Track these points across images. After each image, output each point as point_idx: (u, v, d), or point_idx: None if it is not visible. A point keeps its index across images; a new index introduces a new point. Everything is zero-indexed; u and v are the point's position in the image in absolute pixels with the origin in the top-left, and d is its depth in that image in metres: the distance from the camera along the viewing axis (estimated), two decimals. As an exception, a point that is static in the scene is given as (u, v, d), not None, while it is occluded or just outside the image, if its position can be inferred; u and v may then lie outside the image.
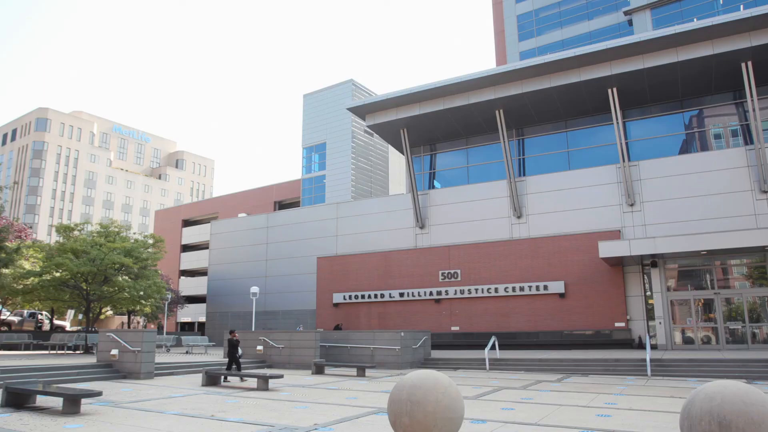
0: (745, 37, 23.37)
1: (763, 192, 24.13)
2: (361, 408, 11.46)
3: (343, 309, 32.01)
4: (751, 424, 4.38)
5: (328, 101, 52.17)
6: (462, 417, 5.92)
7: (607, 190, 27.07)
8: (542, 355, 22.43)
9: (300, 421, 9.79)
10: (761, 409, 4.45)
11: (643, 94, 26.82)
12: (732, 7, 38.17)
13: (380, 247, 32.08)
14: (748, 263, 24.40)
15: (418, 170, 32.70)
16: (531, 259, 27.50)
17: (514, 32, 48.28)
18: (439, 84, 28.75)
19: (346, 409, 11.29)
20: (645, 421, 9.95)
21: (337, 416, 10.34)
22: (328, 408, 11.57)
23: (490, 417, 10.30)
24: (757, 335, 23.32)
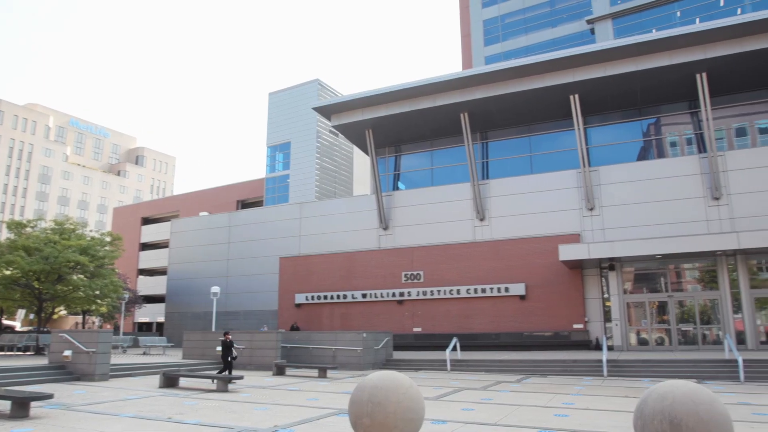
0: (701, 49, 24.20)
1: (714, 199, 24.99)
2: (322, 409, 11.39)
3: (305, 310, 31.80)
4: (701, 423, 4.52)
5: (294, 100, 51.80)
6: (422, 418, 5.93)
7: (567, 194, 27.61)
8: (503, 356, 22.72)
9: (260, 423, 9.67)
10: (710, 408, 4.59)
11: (604, 101, 27.47)
12: (689, 20, 39.47)
13: (344, 247, 31.99)
14: (699, 267, 25.23)
15: (382, 171, 32.75)
16: (493, 261, 27.84)
17: (480, 37, 48.85)
18: (406, 86, 28.87)
19: (307, 411, 11.20)
20: (601, 421, 10.17)
21: (298, 418, 10.25)
22: (288, 409, 11.46)
23: (450, 417, 10.37)
24: (708, 337, 24.12)
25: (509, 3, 48.10)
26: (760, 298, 23.77)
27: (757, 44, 23.42)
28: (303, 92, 51.61)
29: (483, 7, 49.36)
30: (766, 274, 24.29)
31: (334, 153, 52.45)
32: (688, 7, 39.91)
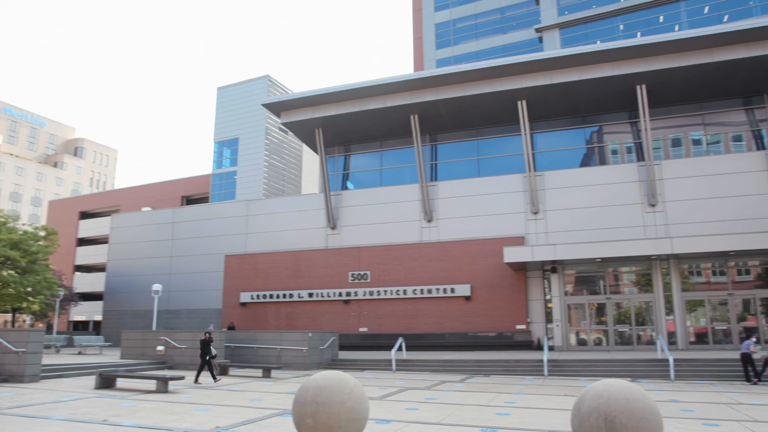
0: (641, 62, 25.23)
1: (651, 205, 26.08)
2: (265, 410, 11.24)
3: (250, 308, 31.30)
4: (633, 419, 4.70)
5: (243, 96, 50.92)
6: (366, 418, 5.93)
7: (513, 197, 28.22)
8: (447, 356, 23.00)
9: (200, 425, 9.45)
10: (642, 405, 4.78)
11: (550, 108, 28.24)
12: (631, 33, 41.07)
13: (291, 246, 31.67)
14: (636, 271, 26.27)
15: (331, 170, 32.61)
16: (440, 262, 28.16)
17: (432, 40, 49.36)
18: (356, 86, 28.85)
19: (249, 411, 11.02)
20: (541, 419, 10.43)
21: (241, 418, 10.07)
22: (231, 410, 11.24)
23: (394, 417, 10.41)
24: (642, 337, 25.15)
25: (461, 8, 48.80)
26: (691, 301, 24.96)
27: (692, 60, 24.61)
28: (252, 88, 50.81)
29: (435, 11, 49.90)
30: (696, 278, 25.53)
31: (283, 150, 51.87)
32: (631, 21, 41.52)
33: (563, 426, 9.34)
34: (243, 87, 51.65)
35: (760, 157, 25.54)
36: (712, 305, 24.77)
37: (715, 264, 25.23)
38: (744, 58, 24.09)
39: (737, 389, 15.54)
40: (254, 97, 48.83)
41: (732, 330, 24.04)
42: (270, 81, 50.73)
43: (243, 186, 48.45)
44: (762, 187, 25.05)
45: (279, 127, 50.28)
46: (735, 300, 24.42)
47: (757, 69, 24.56)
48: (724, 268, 25.06)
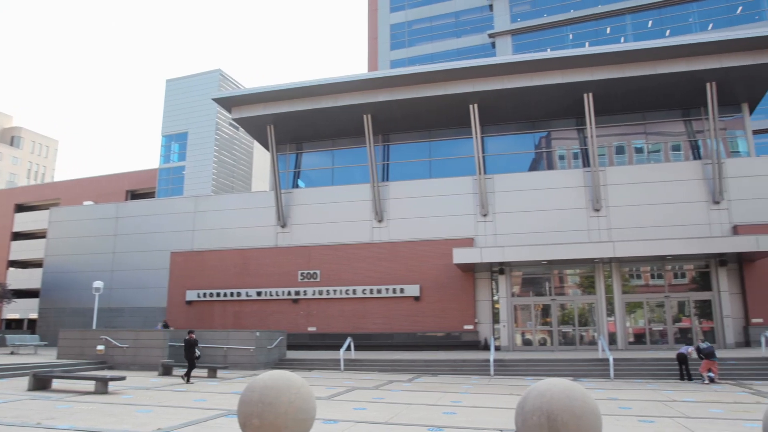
0: (588, 71, 26.03)
1: (595, 210, 26.94)
2: (210, 410, 11.01)
3: (196, 307, 30.59)
4: (574, 417, 4.83)
5: (193, 89, 49.71)
6: (314, 418, 5.87)
7: (463, 199, 28.61)
8: (396, 356, 23.11)
9: (141, 426, 9.17)
10: (582, 403, 4.92)
11: (501, 113, 28.76)
12: (580, 43, 42.34)
13: (239, 244, 31.12)
14: (580, 273, 27.07)
15: (282, 168, 32.25)
16: (390, 262, 28.25)
17: (387, 40, 49.52)
18: (310, 83, 28.63)
19: (193, 412, 10.77)
20: (486, 417, 10.60)
21: (183, 419, 9.83)
22: (174, 411, 10.96)
23: (342, 417, 10.38)
24: (584, 337, 25.94)
25: (417, 10, 49.15)
26: (630, 303, 25.92)
27: (636, 71, 25.58)
28: (203, 81, 49.67)
29: (391, 12, 50.09)
30: (636, 280, 26.52)
31: (234, 146, 50.96)
32: (580, 31, 42.80)
33: (508, 424, 9.52)
34: (193, 80, 50.43)
35: (697, 166, 26.76)
36: (650, 307, 25.79)
37: (654, 267, 26.29)
38: (683, 71, 25.21)
39: (672, 387, 16.22)
40: (205, 90, 47.75)
41: (668, 331, 25.09)
42: (222, 75, 49.72)
43: (191, 181, 47.30)
44: (697, 195, 26.26)
45: (230, 122, 49.35)
46: (671, 302, 25.49)
47: (696, 83, 25.73)
48: (661, 271, 26.14)
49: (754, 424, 9.75)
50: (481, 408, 12.01)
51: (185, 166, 48.14)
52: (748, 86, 26.40)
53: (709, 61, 24.99)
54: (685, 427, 9.70)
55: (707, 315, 25.00)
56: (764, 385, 16.47)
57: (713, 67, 24.91)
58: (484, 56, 43.95)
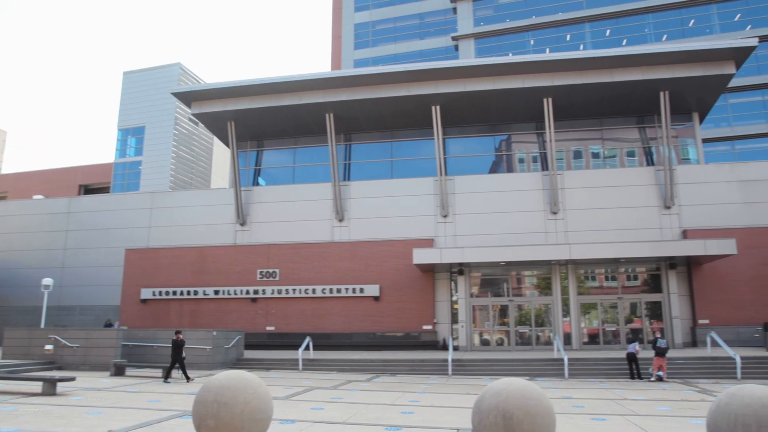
0: (548, 76, 26.56)
1: (553, 213, 27.49)
2: (164, 411, 10.76)
3: (151, 306, 29.86)
4: (529, 416, 4.91)
5: (152, 82, 48.58)
6: (270, 418, 5.80)
7: (424, 200, 28.78)
8: (354, 356, 23.08)
9: (91, 428, 8.89)
10: (537, 402, 5.01)
11: (463, 115, 29.05)
12: (541, 48, 43.17)
13: (197, 241, 30.53)
14: (537, 274, 27.58)
15: (243, 165, 31.82)
16: (350, 262, 28.19)
17: (351, 40, 49.46)
18: (272, 80, 28.33)
19: (147, 413, 10.50)
20: (443, 417, 10.67)
21: (136, 421, 9.57)
22: (126, 412, 10.67)
23: (299, 417, 10.29)
24: (540, 338, 26.44)
25: (381, 10, 49.26)
26: (585, 304, 26.55)
27: (594, 78, 26.25)
28: (162, 75, 48.61)
29: (355, 11, 50.05)
30: (591, 282, 27.19)
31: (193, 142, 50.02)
32: (541, 37, 43.65)
33: (465, 423, 9.61)
34: (152, 73, 49.29)
35: (650, 172, 27.62)
36: (603, 308, 26.47)
37: (608, 270, 27.00)
38: (639, 80, 26.00)
39: (623, 386, 16.69)
40: (164, 84, 46.73)
41: (620, 331, 25.80)
42: (182, 69, 48.76)
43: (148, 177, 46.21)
44: (650, 200, 27.10)
45: (189, 117, 48.43)
46: (624, 303, 26.23)
47: (650, 91, 26.56)
48: (615, 273, 26.87)
49: (699, 421, 10.11)
50: (439, 407, 12.09)
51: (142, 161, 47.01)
52: (699, 96, 27.40)
53: (662, 71, 25.84)
54: (634, 425, 9.98)
55: (657, 316, 25.82)
56: (709, 384, 17.11)
57: (666, 76, 25.77)
58: (447, 59, 44.38)
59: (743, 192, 26.59)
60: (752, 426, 4.49)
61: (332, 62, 51.34)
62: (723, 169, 27.53)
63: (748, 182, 26.69)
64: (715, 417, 4.80)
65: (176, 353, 17.40)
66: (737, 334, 23.86)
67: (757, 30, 38.33)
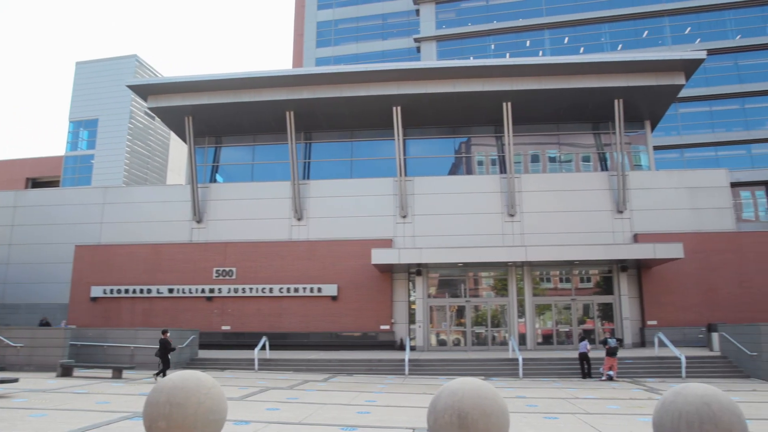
0: (508, 81, 26.99)
1: (510, 215, 27.94)
2: (113, 413, 10.44)
3: (102, 304, 28.97)
4: (484, 415, 4.97)
5: (107, 74, 47.18)
6: (224, 419, 5.70)
7: (383, 200, 28.84)
8: (311, 356, 22.94)
9: None
10: (492, 401, 5.08)
11: (424, 116, 29.24)
12: (501, 53, 43.85)
13: (152, 238, 29.79)
14: (494, 276, 27.98)
15: (200, 161, 31.23)
16: (308, 261, 28.00)
17: (313, 38, 49.17)
18: (231, 76, 27.91)
19: (94, 415, 10.17)
20: (399, 416, 10.71)
21: (83, 424, 9.26)
22: (72, 415, 10.31)
23: (254, 418, 10.16)
24: (496, 338, 26.84)
25: (344, 9, 49.15)
26: (540, 305, 27.08)
27: (552, 84, 26.82)
28: (118, 66, 47.28)
29: (318, 9, 49.81)
30: (545, 284, 27.75)
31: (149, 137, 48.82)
32: (501, 42, 44.36)
33: (421, 423, 9.66)
34: (107, 64, 47.89)
35: (604, 177, 28.39)
36: (558, 309, 27.06)
37: (562, 272, 27.61)
38: (595, 87, 26.70)
39: (575, 385, 17.09)
40: (119, 76, 45.45)
41: (573, 332, 26.42)
42: (138, 61, 47.53)
43: (101, 171, 44.86)
44: (604, 204, 27.86)
45: (145, 111, 47.27)
46: (577, 305, 26.87)
47: (605, 98, 27.31)
48: (569, 275, 27.50)
49: (647, 419, 10.43)
50: (395, 407, 12.13)
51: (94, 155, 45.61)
52: (651, 105, 28.34)
53: (617, 79, 26.61)
54: (585, 423, 10.23)
55: (609, 317, 26.55)
56: (656, 383, 17.69)
57: (621, 85, 26.55)
58: (409, 60, 44.64)
59: (690, 198, 27.62)
60: (695, 423, 4.66)
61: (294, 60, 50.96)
62: (672, 176, 28.55)
63: (695, 189, 27.74)
64: (661, 415, 4.96)
65: (164, 353, 17.45)
66: (683, 335, 24.75)
67: (706, 44, 39.95)
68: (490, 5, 45.40)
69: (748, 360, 19.25)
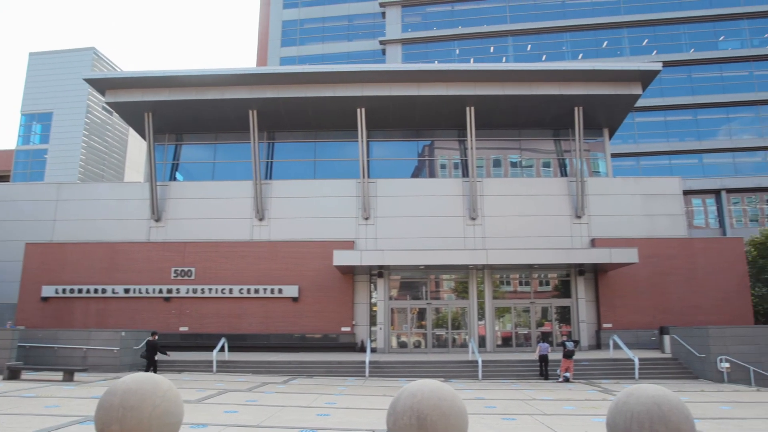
0: (471, 85, 27.32)
1: (471, 219, 28.25)
2: (63, 417, 10.11)
3: (54, 304, 28.02)
4: (442, 416, 5.01)
5: (63, 66, 45.75)
6: (181, 422, 5.59)
7: (346, 202, 28.77)
8: (271, 358, 22.71)
9: (-23, 435, 8.21)
10: (450, 403, 5.12)
11: (388, 119, 29.32)
12: (465, 58, 44.33)
13: (108, 237, 28.99)
14: (455, 279, 28.23)
15: (160, 159, 30.55)
16: (269, 262, 27.71)
17: (278, 36, 48.77)
18: (193, 73, 27.43)
19: (43, 419, 9.83)
20: (359, 419, 10.69)
21: (31, 428, 8.94)
22: (18, 419, 9.93)
23: (211, 421, 9.99)
24: (456, 340, 27.08)
25: (310, 9, 48.92)
26: (500, 308, 27.45)
27: (514, 90, 27.27)
28: (75, 59, 45.92)
29: (284, 8, 49.44)
30: (505, 287, 28.15)
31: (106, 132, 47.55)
32: (466, 47, 44.88)
33: (380, 425, 9.67)
34: (63, 56, 46.44)
35: (563, 182, 28.99)
36: (517, 312, 27.47)
37: (522, 275, 28.06)
38: (555, 94, 27.26)
39: (533, 386, 17.38)
40: (76, 69, 44.15)
41: (532, 334, 26.87)
42: (96, 54, 46.26)
43: (55, 166, 43.46)
44: (563, 209, 28.44)
45: (103, 106, 46.04)
46: (536, 308, 27.34)
47: (566, 106, 27.91)
48: (529, 279, 27.97)
49: (601, 419, 10.69)
50: (355, 409, 12.10)
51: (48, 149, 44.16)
52: (609, 113, 29.10)
53: (577, 87, 27.25)
54: (541, 423, 10.42)
55: (566, 320, 27.10)
56: (611, 384, 18.15)
57: (581, 93, 27.19)
58: (374, 62, 44.74)
59: (645, 205, 28.46)
60: (645, 423, 4.81)
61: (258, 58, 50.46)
62: (628, 182, 29.37)
63: (650, 196, 28.60)
64: (614, 415, 5.09)
65: (151, 355, 17.45)
66: (637, 338, 25.45)
67: (662, 56, 41.31)
68: (455, 10, 45.91)
69: (696, 361, 19.96)
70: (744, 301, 26.35)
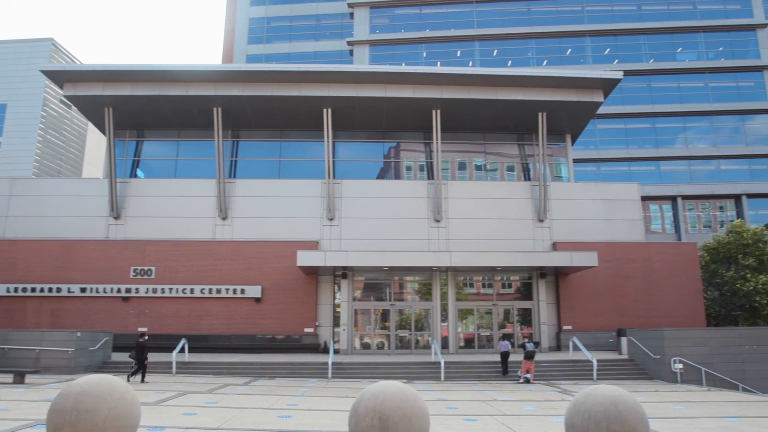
0: (437, 89, 27.47)
1: (436, 221, 28.42)
2: (12, 421, 9.75)
3: (4, 303, 27.02)
4: (404, 418, 5.01)
5: (18, 56, 44.24)
6: (138, 425, 5.44)
7: (311, 202, 28.59)
8: (232, 359, 22.39)
9: None
10: (413, 404, 5.13)
11: (354, 120, 29.25)
12: (432, 61, 44.64)
13: (64, 234, 28.10)
14: (419, 280, 28.36)
15: (120, 155, 29.78)
16: (232, 262, 27.33)
17: (245, 34, 48.23)
18: (157, 68, 26.85)
19: (-10, 422, 9.46)
20: (321, 420, 10.62)
21: (-24, 431, 8.59)
22: (-36, 421, 9.54)
23: (170, 423, 9.78)
24: (420, 342, 27.19)
25: (277, 7, 48.51)
26: (463, 309, 27.69)
27: (480, 94, 27.53)
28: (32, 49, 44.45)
29: (251, 5, 48.91)
30: (469, 289, 28.42)
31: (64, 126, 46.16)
32: (433, 50, 45.18)
33: (342, 426, 9.62)
34: (19, 46, 44.91)
35: (526, 187, 29.42)
36: (480, 314, 27.75)
37: (485, 277, 28.37)
38: (520, 99, 27.65)
39: (494, 388, 17.58)
40: (32, 60, 42.71)
41: (494, 336, 27.17)
42: (54, 46, 44.88)
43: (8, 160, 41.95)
44: (525, 213, 28.86)
45: (61, 99, 44.68)
46: (498, 310, 27.68)
47: (530, 111, 28.33)
48: (491, 281, 28.30)
49: (560, 419, 10.87)
50: (317, 411, 12.02)
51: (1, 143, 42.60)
52: (572, 120, 29.68)
53: (541, 93, 27.70)
54: (502, 424, 10.53)
55: (528, 322, 27.51)
56: (570, 385, 18.49)
57: (544, 99, 27.65)
58: (342, 62, 44.64)
59: (605, 209, 29.11)
60: (602, 422, 4.90)
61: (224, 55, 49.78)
62: (589, 187, 30.01)
63: (610, 201, 29.27)
64: (572, 415, 5.18)
65: (140, 355, 17.27)
66: (595, 339, 26.00)
67: (623, 65, 42.39)
68: (423, 14, 46.17)
69: (652, 362, 20.52)
70: (697, 304, 27.24)
